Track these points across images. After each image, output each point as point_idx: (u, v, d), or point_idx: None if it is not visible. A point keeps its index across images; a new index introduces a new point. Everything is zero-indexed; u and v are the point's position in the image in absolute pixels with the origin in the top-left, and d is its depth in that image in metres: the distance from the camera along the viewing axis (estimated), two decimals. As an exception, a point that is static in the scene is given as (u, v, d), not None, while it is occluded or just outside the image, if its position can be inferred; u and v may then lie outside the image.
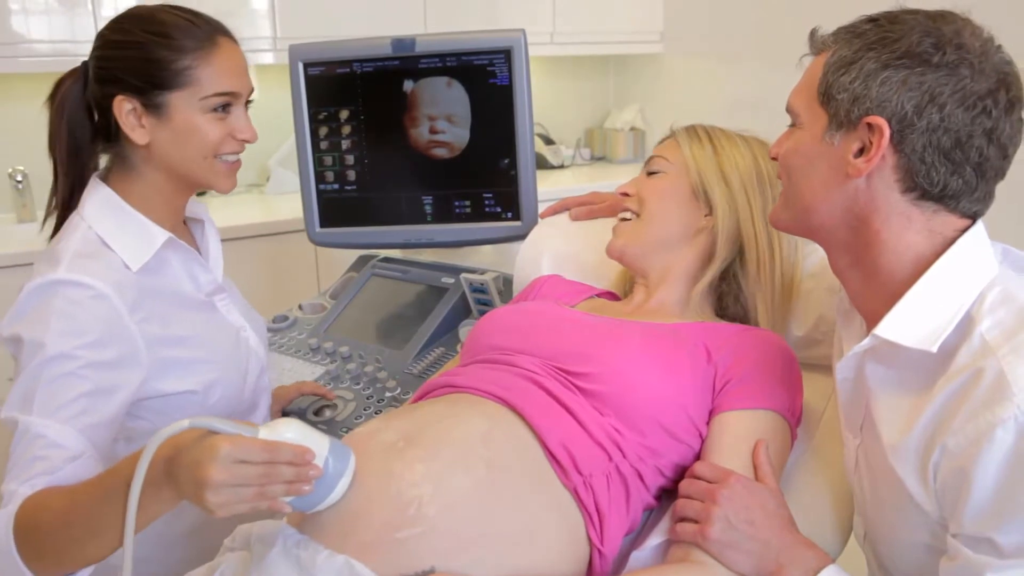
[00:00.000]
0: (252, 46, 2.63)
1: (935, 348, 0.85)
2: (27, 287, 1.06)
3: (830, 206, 0.91)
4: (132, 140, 1.13)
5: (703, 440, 1.08)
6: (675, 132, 1.31)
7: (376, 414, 1.47)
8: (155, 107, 1.12)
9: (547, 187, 2.80)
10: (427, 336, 1.63)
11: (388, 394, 1.52)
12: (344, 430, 1.45)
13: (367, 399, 1.53)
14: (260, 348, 1.32)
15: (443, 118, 1.70)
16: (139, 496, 0.84)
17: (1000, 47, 0.86)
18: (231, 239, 2.36)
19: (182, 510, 0.90)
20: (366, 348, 1.66)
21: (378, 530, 0.89)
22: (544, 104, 3.13)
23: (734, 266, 1.24)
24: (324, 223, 1.80)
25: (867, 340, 0.90)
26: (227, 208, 2.66)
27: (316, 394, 1.52)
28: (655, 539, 1.04)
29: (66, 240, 1.11)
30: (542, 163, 3.34)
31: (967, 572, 0.83)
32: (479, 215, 1.74)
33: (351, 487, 0.90)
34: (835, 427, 1.16)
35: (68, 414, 1.01)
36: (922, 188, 0.86)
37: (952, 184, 0.85)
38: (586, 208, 1.54)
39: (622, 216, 1.30)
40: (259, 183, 3.04)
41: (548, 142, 3.47)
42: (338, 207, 1.79)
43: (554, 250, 1.53)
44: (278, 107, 2.14)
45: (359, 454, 0.92)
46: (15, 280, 1.10)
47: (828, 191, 0.91)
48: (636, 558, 1.04)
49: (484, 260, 1.87)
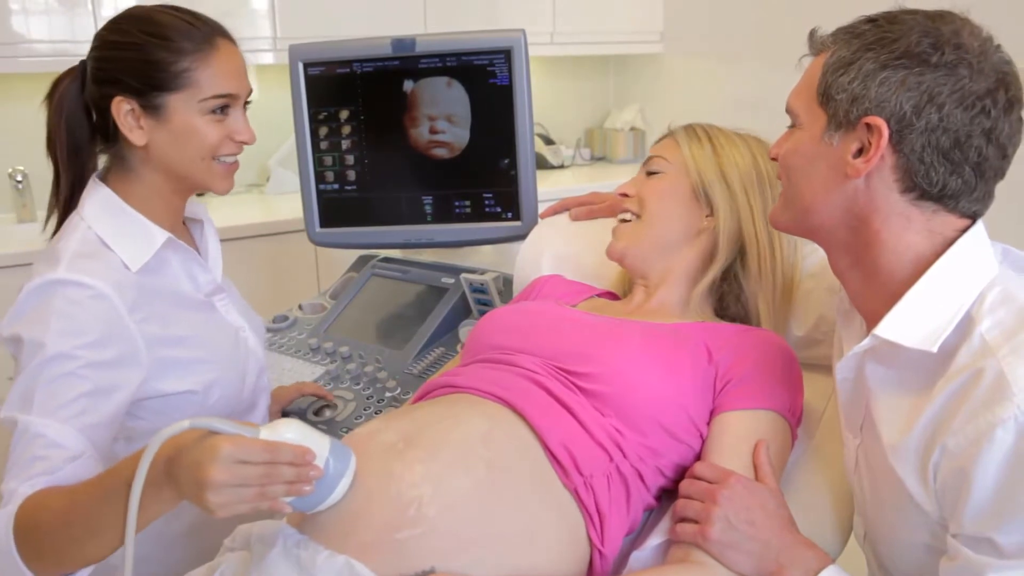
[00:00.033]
0: (252, 46, 2.63)
1: (935, 348, 0.85)
2: (27, 287, 1.06)
3: (830, 206, 0.91)
4: (130, 141, 1.13)
5: (703, 440, 1.08)
6: (673, 131, 1.30)
7: (376, 414, 1.47)
8: (153, 108, 1.12)
9: (547, 187, 2.80)
10: (427, 336, 1.63)
11: (388, 394, 1.52)
12: (344, 430, 1.45)
13: (367, 399, 1.53)
14: (259, 348, 1.32)
15: (443, 118, 1.70)
16: (140, 496, 0.84)
17: (999, 47, 0.86)
18: (231, 239, 2.36)
19: (181, 509, 0.90)
20: (366, 348, 1.66)
21: (378, 530, 0.89)
22: (544, 104, 3.12)
23: (735, 266, 1.24)
24: (324, 223, 1.80)
25: (867, 340, 0.90)
26: (227, 208, 2.66)
27: (316, 395, 1.52)
28: (655, 539, 1.04)
29: (65, 240, 1.11)
30: (542, 163, 3.34)
31: (967, 572, 0.83)
32: (479, 215, 1.74)
33: (351, 487, 0.90)
34: (835, 427, 1.16)
35: (68, 414, 1.01)
36: (921, 188, 0.86)
37: (951, 184, 0.85)
38: (586, 208, 1.54)
39: (622, 217, 1.29)
40: (259, 183, 3.03)
41: (548, 142, 3.47)
42: (338, 207, 1.79)
43: (554, 250, 1.53)
44: (278, 107, 2.14)
45: (359, 454, 0.92)
46: (15, 280, 1.10)
47: (828, 191, 0.91)
48: (636, 558, 1.04)
49: (484, 260, 1.87)
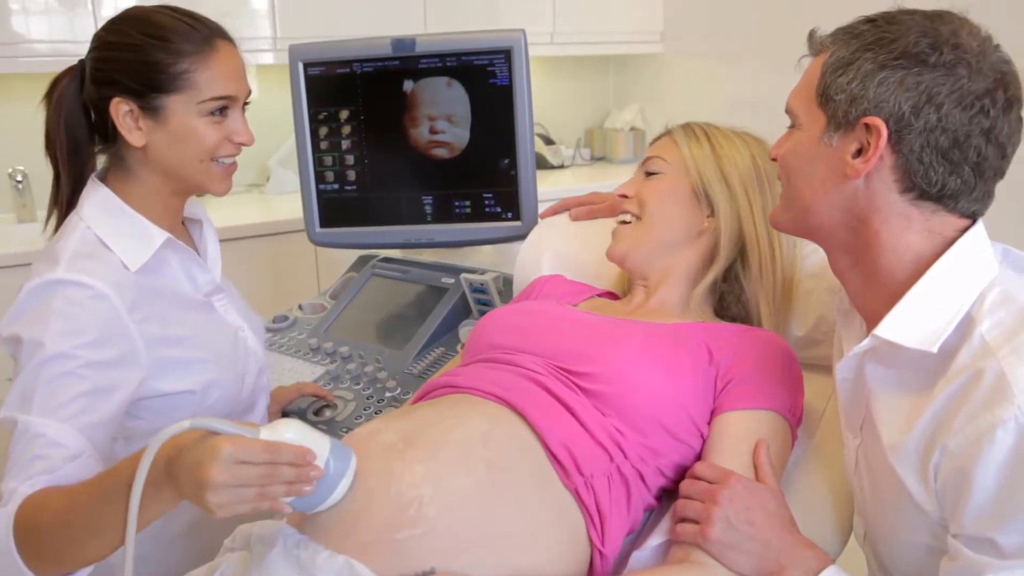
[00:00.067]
0: (252, 46, 2.63)
1: (935, 348, 0.85)
2: (26, 287, 1.06)
3: (829, 207, 0.91)
4: (129, 142, 1.13)
5: (704, 440, 1.08)
6: (671, 130, 1.29)
7: (376, 414, 1.47)
8: (152, 110, 1.12)
9: (547, 187, 2.80)
10: (427, 336, 1.63)
11: (388, 394, 1.52)
12: (344, 430, 1.45)
13: (367, 399, 1.53)
14: (258, 348, 1.32)
15: (443, 118, 1.70)
16: (140, 496, 0.84)
17: (998, 46, 0.86)
18: (231, 239, 2.36)
19: (181, 509, 0.90)
20: (366, 348, 1.66)
21: (378, 531, 0.89)
22: (544, 104, 3.12)
23: (735, 266, 1.24)
24: (324, 223, 1.80)
25: (867, 340, 0.90)
26: (227, 208, 2.66)
27: (316, 395, 1.52)
28: (656, 539, 1.04)
29: (65, 240, 1.11)
30: (542, 163, 3.34)
31: (968, 572, 0.83)
32: (479, 215, 1.74)
33: (352, 488, 0.90)
34: (835, 427, 1.16)
35: (67, 413, 1.01)
36: (920, 188, 0.86)
37: (950, 184, 0.85)
38: (586, 208, 1.54)
39: (621, 219, 1.28)
40: (259, 183, 3.03)
41: (548, 142, 3.47)
42: (338, 207, 1.79)
43: (554, 250, 1.53)
44: (278, 107, 2.14)
45: (359, 455, 0.92)
46: (15, 280, 1.10)
47: (827, 192, 0.91)
48: (637, 558, 1.04)
49: (484, 260, 1.87)
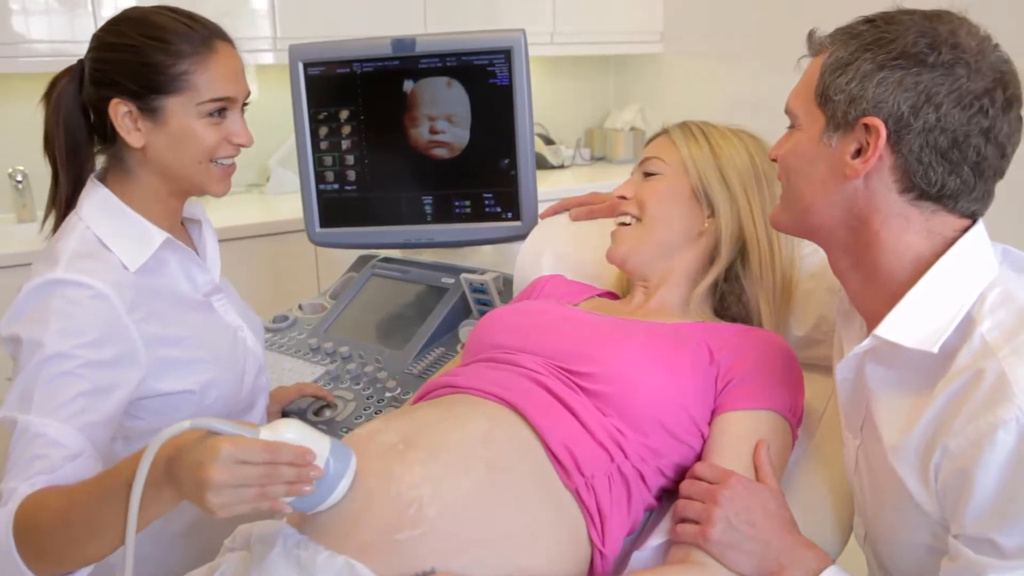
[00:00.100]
0: (252, 46, 2.62)
1: (936, 349, 0.85)
2: (25, 287, 1.06)
3: (829, 207, 0.91)
4: (128, 142, 1.13)
5: (704, 440, 1.08)
6: (668, 129, 1.29)
7: (376, 414, 1.47)
8: (151, 111, 1.11)
9: (547, 187, 2.80)
10: (427, 336, 1.63)
11: (388, 394, 1.52)
12: (344, 430, 1.45)
13: (367, 399, 1.53)
14: (258, 348, 1.32)
15: (443, 118, 1.70)
16: (140, 496, 0.84)
17: (997, 45, 0.86)
18: (231, 239, 2.36)
19: (181, 509, 0.90)
20: (366, 348, 1.66)
21: (378, 531, 0.89)
22: (544, 104, 3.12)
23: (735, 266, 1.24)
24: (324, 223, 1.80)
25: (868, 341, 0.90)
26: (227, 208, 2.65)
27: (316, 396, 1.52)
28: (656, 540, 1.04)
29: (64, 240, 1.11)
30: (542, 163, 3.34)
31: (968, 573, 0.83)
32: (479, 215, 1.74)
33: (351, 488, 0.90)
34: (835, 427, 1.16)
35: (67, 413, 1.01)
36: (920, 188, 0.86)
37: (950, 184, 0.85)
38: (586, 208, 1.54)
39: (621, 221, 1.27)
40: (259, 183, 3.03)
41: (548, 142, 3.47)
42: (338, 207, 1.79)
43: (554, 250, 1.53)
44: (278, 107, 2.14)
45: (359, 455, 0.92)
46: (15, 280, 1.10)
47: (827, 192, 0.91)
48: (637, 559, 1.04)
49: (484, 260, 1.87)
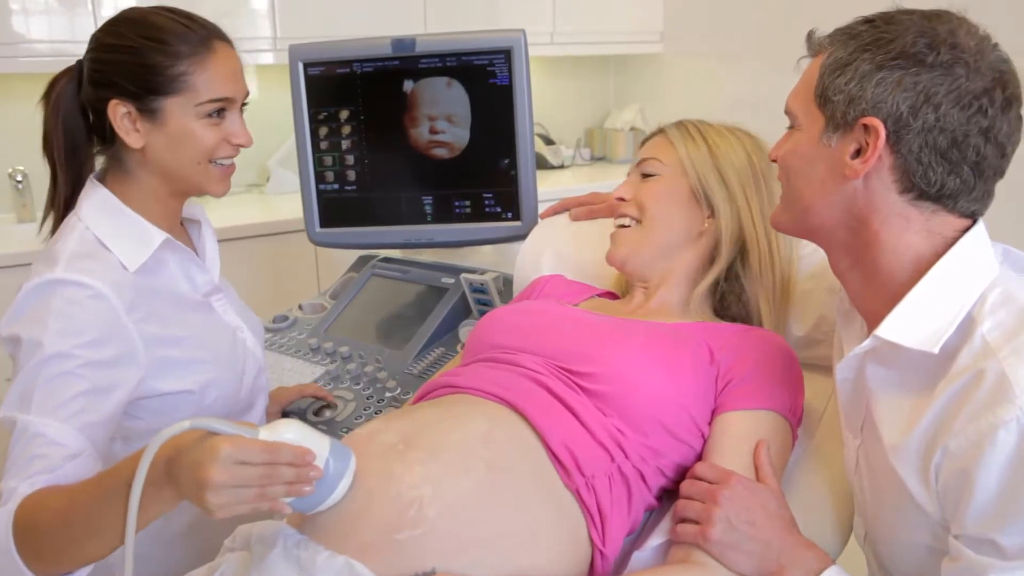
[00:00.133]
0: (252, 46, 2.62)
1: (936, 349, 0.85)
2: (25, 287, 1.06)
3: (829, 207, 0.91)
4: (127, 143, 1.13)
5: (705, 440, 1.08)
6: (664, 129, 1.28)
7: (376, 414, 1.47)
8: (150, 112, 1.11)
9: (547, 187, 2.80)
10: (427, 336, 1.63)
11: (388, 394, 1.52)
12: (344, 430, 1.45)
13: (367, 399, 1.53)
14: (257, 348, 1.32)
15: (443, 118, 1.70)
16: (140, 496, 0.84)
17: (996, 45, 0.86)
18: (231, 239, 2.36)
19: (181, 509, 0.90)
20: (366, 348, 1.66)
21: (378, 531, 0.89)
22: (544, 104, 3.12)
23: (735, 265, 1.24)
24: (324, 223, 1.80)
25: (868, 341, 0.90)
26: (227, 208, 2.65)
27: (316, 396, 1.52)
28: (656, 540, 1.04)
29: (63, 240, 1.11)
30: (542, 163, 3.34)
31: (969, 573, 0.83)
32: (479, 215, 1.74)
33: (351, 488, 0.90)
34: (835, 427, 1.16)
35: (67, 412, 1.01)
36: (919, 188, 0.86)
37: (949, 184, 0.85)
38: (586, 208, 1.54)
39: (620, 223, 1.27)
40: (259, 183, 3.03)
41: (548, 142, 3.47)
42: (338, 207, 1.79)
43: (554, 250, 1.53)
44: (278, 107, 2.14)
45: (359, 455, 0.92)
46: (15, 280, 1.10)
47: (827, 192, 0.91)
48: (637, 558, 1.04)
49: (484, 260, 1.87)
